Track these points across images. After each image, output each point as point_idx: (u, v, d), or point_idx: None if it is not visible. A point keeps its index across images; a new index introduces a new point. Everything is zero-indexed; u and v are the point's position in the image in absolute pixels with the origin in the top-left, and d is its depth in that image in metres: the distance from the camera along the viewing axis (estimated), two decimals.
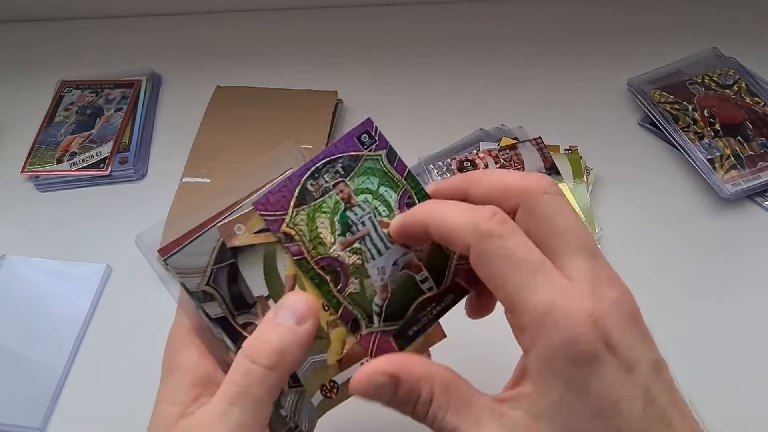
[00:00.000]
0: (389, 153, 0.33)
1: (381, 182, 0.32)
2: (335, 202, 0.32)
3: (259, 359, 0.28)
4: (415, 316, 0.32)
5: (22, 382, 0.48)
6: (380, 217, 0.32)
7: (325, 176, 0.32)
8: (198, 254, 0.30)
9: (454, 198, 0.31)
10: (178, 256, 0.30)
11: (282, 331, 0.29)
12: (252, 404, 0.28)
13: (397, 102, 0.65)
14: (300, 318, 0.29)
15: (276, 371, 0.28)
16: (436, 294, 0.32)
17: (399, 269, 0.32)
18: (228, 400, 0.28)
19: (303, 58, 0.70)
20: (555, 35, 0.70)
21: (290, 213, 0.31)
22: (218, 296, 0.30)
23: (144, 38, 0.74)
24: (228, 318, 0.31)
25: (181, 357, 0.30)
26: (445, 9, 0.73)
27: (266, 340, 0.28)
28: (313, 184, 0.31)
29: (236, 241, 0.30)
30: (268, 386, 0.28)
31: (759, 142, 0.56)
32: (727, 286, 0.51)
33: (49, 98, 0.67)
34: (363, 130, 0.33)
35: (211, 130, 0.62)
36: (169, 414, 0.29)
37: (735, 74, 0.62)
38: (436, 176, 0.56)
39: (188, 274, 0.30)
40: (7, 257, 0.55)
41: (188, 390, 0.29)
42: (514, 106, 0.62)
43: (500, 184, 0.29)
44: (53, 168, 0.61)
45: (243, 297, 0.31)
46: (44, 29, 0.76)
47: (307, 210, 0.31)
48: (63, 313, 0.51)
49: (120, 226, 0.55)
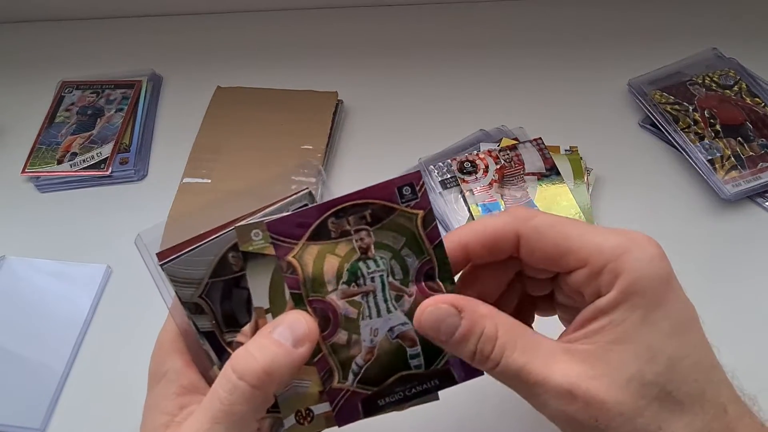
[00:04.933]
0: (427, 215, 0.30)
1: (406, 244, 0.30)
2: (351, 248, 0.30)
3: (247, 377, 0.27)
4: (392, 388, 0.30)
5: (22, 382, 0.48)
6: (392, 279, 0.30)
7: (350, 218, 0.30)
8: (195, 265, 0.30)
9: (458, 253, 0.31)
10: (175, 264, 0.29)
11: (275, 349, 0.27)
12: (236, 423, 0.27)
13: (398, 102, 0.65)
14: (297, 340, 0.28)
15: (262, 391, 0.27)
16: (421, 374, 0.30)
17: (392, 336, 0.30)
18: (212, 418, 0.27)
19: (303, 58, 0.70)
20: (555, 36, 0.69)
21: (300, 245, 0.29)
22: (209, 310, 0.30)
23: (145, 39, 0.74)
24: (216, 334, 0.30)
25: (167, 365, 0.30)
26: (446, 9, 0.73)
27: (257, 357, 0.27)
28: (335, 222, 0.29)
29: (250, 247, 0.29)
30: (253, 405, 0.27)
31: (759, 143, 0.56)
32: (728, 287, 0.51)
33: (49, 99, 0.67)
34: (407, 182, 0.30)
35: (211, 131, 0.62)
36: (158, 422, 0.28)
37: (735, 75, 0.62)
38: (436, 176, 0.56)
39: (183, 283, 0.30)
40: (8, 258, 0.55)
41: (174, 399, 0.29)
42: (515, 106, 0.62)
43: (492, 229, 0.31)
44: (54, 168, 0.61)
45: (234, 316, 0.30)
46: (45, 29, 0.76)
47: (319, 247, 0.29)
48: (63, 313, 0.51)
49: (120, 227, 0.55)
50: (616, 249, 0.28)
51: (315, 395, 0.30)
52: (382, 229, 0.30)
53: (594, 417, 0.26)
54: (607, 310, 0.28)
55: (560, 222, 0.29)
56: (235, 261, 0.30)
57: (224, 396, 0.27)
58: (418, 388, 0.31)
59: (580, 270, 0.29)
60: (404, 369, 0.30)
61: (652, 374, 0.26)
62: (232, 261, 0.30)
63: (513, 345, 0.28)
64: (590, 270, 0.28)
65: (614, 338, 0.27)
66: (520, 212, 0.30)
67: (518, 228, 0.30)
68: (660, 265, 0.28)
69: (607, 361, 0.27)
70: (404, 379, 0.30)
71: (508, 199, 0.54)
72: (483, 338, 0.28)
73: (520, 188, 0.54)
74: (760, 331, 0.48)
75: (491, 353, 0.28)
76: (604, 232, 0.29)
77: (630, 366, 0.27)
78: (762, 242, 0.53)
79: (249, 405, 0.27)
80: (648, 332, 0.27)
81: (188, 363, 0.30)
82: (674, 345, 0.27)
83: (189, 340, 0.31)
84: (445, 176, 0.56)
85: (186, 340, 0.31)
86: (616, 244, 0.28)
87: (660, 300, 0.27)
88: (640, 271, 0.27)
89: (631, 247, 0.28)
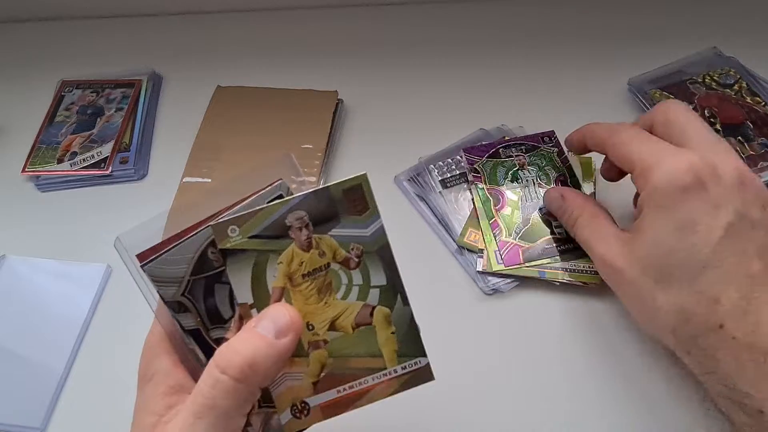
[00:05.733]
0: (560, 152, 0.54)
1: (547, 163, 0.54)
2: (513, 164, 0.54)
3: (229, 370, 0.27)
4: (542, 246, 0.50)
5: (22, 382, 0.48)
6: (540, 182, 0.52)
7: (513, 149, 0.55)
8: (175, 263, 0.29)
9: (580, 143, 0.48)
10: (155, 264, 0.29)
11: (257, 342, 0.27)
12: (219, 418, 0.27)
13: (398, 101, 0.65)
14: (280, 331, 0.28)
15: (246, 384, 0.27)
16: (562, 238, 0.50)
17: (542, 213, 0.51)
18: (195, 413, 0.27)
19: (303, 57, 0.70)
20: (555, 35, 0.69)
21: (483, 160, 0.54)
22: (193, 308, 0.30)
23: (145, 38, 0.74)
24: (201, 331, 0.30)
25: (155, 366, 0.30)
26: (446, 9, 0.73)
27: (239, 350, 0.27)
28: (505, 151, 0.55)
29: (228, 244, 0.29)
30: (237, 399, 0.27)
31: (760, 142, 0.56)
32: None
33: (49, 98, 0.67)
34: (546, 134, 0.56)
35: (211, 130, 0.62)
36: (147, 422, 0.28)
37: (736, 74, 0.61)
38: (437, 175, 0.56)
39: (164, 283, 0.29)
40: (8, 257, 0.55)
41: (162, 399, 0.29)
42: (515, 105, 0.62)
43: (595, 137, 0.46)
44: (54, 168, 0.61)
45: (219, 312, 0.30)
46: (45, 29, 0.76)
47: (494, 161, 0.54)
48: (63, 313, 0.51)
49: (121, 226, 0.55)
50: (650, 158, 0.39)
51: (309, 387, 0.30)
52: (533, 155, 0.54)
53: (617, 280, 0.41)
54: (641, 207, 0.39)
55: (630, 138, 0.41)
56: (214, 257, 0.30)
57: (206, 391, 0.27)
58: (560, 247, 0.49)
59: (632, 172, 0.41)
60: (551, 234, 0.50)
61: (654, 257, 0.38)
62: (211, 257, 0.30)
63: (586, 224, 0.44)
64: (635, 173, 0.40)
65: (639, 229, 0.39)
66: (615, 126, 0.44)
67: (605, 138, 0.44)
68: (679, 177, 0.37)
69: (630, 244, 0.40)
70: (550, 241, 0.50)
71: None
72: (570, 215, 0.46)
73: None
74: None
75: (574, 224, 0.46)
76: (650, 146, 0.40)
77: (641, 249, 0.39)
78: None
79: (232, 399, 0.27)
80: (656, 228, 0.38)
81: (176, 363, 0.30)
82: (674, 240, 0.37)
83: (175, 340, 0.30)
84: (445, 176, 0.56)
85: (173, 341, 0.31)
86: (653, 156, 0.39)
87: (671, 205, 0.37)
88: (659, 181, 0.38)
89: (661, 160, 0.38)
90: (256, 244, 0.29)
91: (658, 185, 0.38)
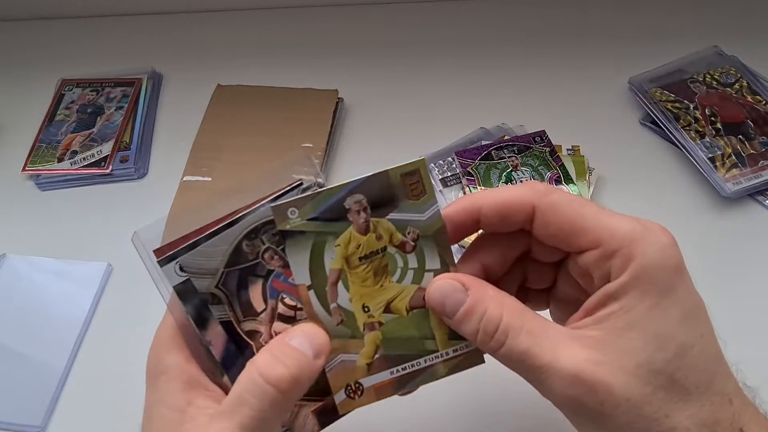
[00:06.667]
0: (552, 152, 0.55)
1: (540, 163, 0.54)
2: (506, 166, 0.54)
3: (276, 382, 0.27)
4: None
5: (22, 381, 0.48)
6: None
7: (505, 150, 0.55)
8: (210, 255, 0.30)
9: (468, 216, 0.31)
10: (190, 256, 0.29)
11: (300, 358, 0.28)
12: (263, 430, 0.27)
13: (398, 100, 0.65)
14: (318, 351, 0.28)
15: (289, 397, 0.27)
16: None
17: None
18: (241, 424, 0.27)
19: (304, 56, 0.70)
20: (556, 34, 0.69)
21: (476, 163, 0.54)
22: (226, 300, 0.30)
23: (145, 37, 0.74)
24: (233, 323, 0.30)
25: (168, 360, 0.30)
26: (446, 7, 0.73)
27: (286, 363, 0.27)
28: (497, 153, 0.55)
29: (287, 225, 0.30)
30: (280, 411, 0.27)
31: (760, 141, 0.56)
32: (728, 285, 0.50)
33: (49, 97, 0.67)
34: (537, 134, 0.56)
35: (211, 129, 0.62)
36: (170, 418, 0.28)
37: (736, 73, 0.61)
38: (437, 174, 0.56)
39: (199, 274, 0.30)
40: (8, 256, 0.55)
41: (180, 394, 0.29)
42: (515, 104, 0.62)
43: (508, 197, 0.30)
44: (54, 167, 0.61)
45: (251, 304, 0.30)
46: (45, 28, 0.76)
47: (487, 164, 0.54)
48: (64, 312, 0.51)
49: (121, 225, 0.55)
50: (630, 234, 0.28)
51: (364, 368, 0.31)
52: (524, 156, 0.55)
53: (600, 402, 0.26)
54: (617, 296, 0.27)
55: (577, 201, 0.29)
56: (249, 249, 0.30)
57: (254, 402, 0.27)
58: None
59: (592, 251, 0.28)
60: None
61: (661, 361, 0.26)
62: (246, 250, 0.30)
63: (518, 327, 0.28)
64: (602, 252, 0.28)
65: (624, 324, 0.27)
66: (539, 186, 0.30)
67: (535, 201, 0.29)
68: (672, 253, 0.28)
69: (616, 347, 0.27)
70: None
71: None
72: (486, 317, 0.28)
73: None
74: (761, 327, 0.48)
75: (495, 333, 0.28)
76: (619, 217, 0.29)
77: (639, 352, 0.27)
78: (763, 240, 0.53)
79: (277, 411, 0.27)
80: (658, 319, 0.27)
81: (188, 358, 0.30)
82: (683, 333, 0.27)
83: (188, 335, 0.30)
84: (445, 174, 0.56)
85: (185, 336, 0.30)
86: (631, 229, 0.28)
87: (671, 288, 0.27)
88: (652, 258, 0.27)
89: (645, 233, 0.28)
90: (315, 227, 0.30)
91: (648, 264, 0.27)
